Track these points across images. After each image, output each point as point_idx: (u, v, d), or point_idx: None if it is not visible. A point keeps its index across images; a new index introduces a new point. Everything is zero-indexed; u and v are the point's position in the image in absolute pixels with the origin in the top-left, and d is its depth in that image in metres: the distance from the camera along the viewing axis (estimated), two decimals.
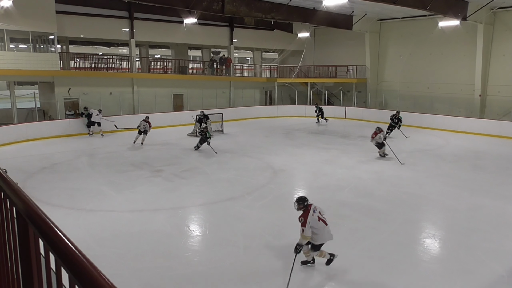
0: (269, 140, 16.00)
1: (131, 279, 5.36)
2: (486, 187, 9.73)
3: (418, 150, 14.16)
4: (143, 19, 20.67)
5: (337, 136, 16.94)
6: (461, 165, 12.09)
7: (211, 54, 25.87)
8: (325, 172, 11.16)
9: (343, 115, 22.71)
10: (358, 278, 5.51)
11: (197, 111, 17.51)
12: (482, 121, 18.08)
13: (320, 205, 5.61)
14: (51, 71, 17.26)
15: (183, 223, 7.67)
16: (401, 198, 8.92)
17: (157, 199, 8.78)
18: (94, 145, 14.70)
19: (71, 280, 0.99)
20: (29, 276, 1.37)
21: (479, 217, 7.82)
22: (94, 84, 18.87)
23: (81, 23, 19.09)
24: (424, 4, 15.90)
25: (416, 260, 6.06)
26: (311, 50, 26.40)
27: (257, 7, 18.05)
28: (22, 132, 15.07)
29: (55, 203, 8.26)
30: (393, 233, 7.00)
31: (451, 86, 20.55)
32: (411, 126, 19.49)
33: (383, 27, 23.45)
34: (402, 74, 22.70)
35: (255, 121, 21.61)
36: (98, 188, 9.50)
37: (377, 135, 12.44)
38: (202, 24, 21.76)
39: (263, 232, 7.00)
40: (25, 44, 19.55)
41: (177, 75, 22.00)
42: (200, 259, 6.12)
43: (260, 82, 25.58)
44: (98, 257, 5.54)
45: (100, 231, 6.99)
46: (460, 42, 20.09)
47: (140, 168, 11.37)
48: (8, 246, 1.62)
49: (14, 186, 1.47)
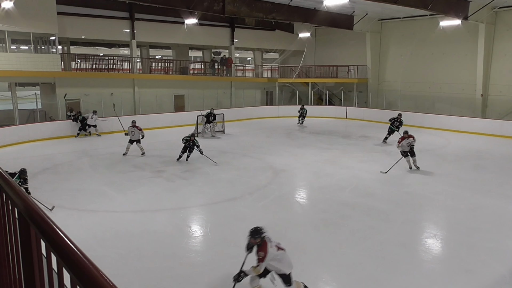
0: (270, 140, 16.00)
1: (132, 279, 5.36)
2: (488, 187, 9.71)
3: (419, 150, 14.05)
4: (144, 20, 20.70)
5: (338, 136, 16.93)
6: (463, 165, 12.06)
7: (212, 55, 25.89)
8: (326, 172, 11.15)
9: (344, 115, 22.70)
10: (359, 278, 5.50)
11: (198, 111, 17.53)
12: (483, 121, 18.05)
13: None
14: (52, 72, 17.29)
15: (184, 223, 7.68)
16: (402, 198, 8.90)
17: (158, 200, 8.79)
18: (96, 146, 14.71)
19: (73, 281, 0.99)
20: (31, 277, 1.37)
21: (480, 217, 7.81)
22: (95, 85, 18.91)
23: (82, 24, 19.13)
24: (425, 4, 15.88)
25: (417, 260, 6.05)
26: (312, 50, 26.40)
27: (258, 7, 18.06)
28: (23, 133, 15.10)
29: (57, 204, 8.27)
30: (394, 233, 6.99)
31: (452, 86, 20.52)
32: (413, 126, 19.44)
33: (384, 27, 23.44)
34: (403, 74, 22.68)
35: (256, 121, 21.62)
36: (99, 188, 9.52)
37: (404, 140, 10.80)
38: (203, 25, 21.79)
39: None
40: (26, 45, 19.58)
41: (178, 76, 22.03)
42: (201, 259, 6.12)
43: (261, 82, 25.59)
44: (99, 258, 5.55)
45: (102, 231, 7.00)
46: (461, 42, 20.06)
47: (141, 169, 11.38)
48: (10, 246, 1.63)
49: (16, 188, 1.47)
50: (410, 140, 10.80)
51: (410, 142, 10.80)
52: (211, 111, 16.96)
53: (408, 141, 10.79)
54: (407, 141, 10.80)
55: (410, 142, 10.80)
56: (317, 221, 7.61)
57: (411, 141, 10.82)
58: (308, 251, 6.29)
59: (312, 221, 7.60)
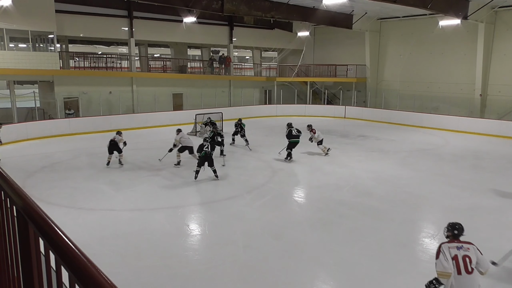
0: (269, 139, 16.00)
1: (130, 277, 5.37)
2: (486, 187, 9.73)
3: (417, 150, 14.16)
4: (142, 18, 20.66)
5: (336, 136, 16.95)
6: (461, 165, 12.09)
7: (210, 53, 25.85)
8: (324, 171, 11.17)
9: (343, 115, 22.72)
10: (356, 277, 5.52)
11: (196, 109, 17.49)
12: (482, 121, 18.08)
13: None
14: (51, 70, 17.25)
15: (182, 222, 7.68)
16: (400, 197, 8.93)
17: (156, 198, 8.79)
18: (94, 145, 14.69)
19: (71, 279, 0.99)
20: (29, 275, 1.38)
21: (478, 217, 7.83)
22: (93, 83, 18.87)
23: (81, 22, 19.08)
24: (424, 3, 15.88)
25: (415, 260, 6.07)
26: (310, 49, 26.40)
27: (257, 6, 18.04)
28: (22, 131, 15.07)
29: (55, 202, 8.27)
30: (392, 232, 7.01)
31: (451, 86, 20.55)
32: (411, 125, 19.54)
33: (383, 26, 23.44)
34: (402, 74, 22.70)
35: (255, 120, 21.60)
36: (97, 187, 9.51)
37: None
38: (201, 23, 21.75)
39: (262, 231, 7.01)
40: (24, 43, 19.53)
41: (176, 74, 22.00)
42: (199, 258, 6.13)
43: (260, 81, 25.58)
44: (97, 256, 5.54)
45: (100, 230, 7.00)
46: (460, 41, 20.08)
47: (139, 167, 11.38)
48: (9, 244, 1.63)
49: (15, 185, 1.48)
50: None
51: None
52: (207, 120, 15.34)
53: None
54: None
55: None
56: (314, 220, 7.63)
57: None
58: (305, 250, 6.31)
59: (309, 220, 7.62)
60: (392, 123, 20.37)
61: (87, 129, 16.70)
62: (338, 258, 5.96)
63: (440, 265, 3.84)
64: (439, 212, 8.23)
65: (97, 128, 16.84)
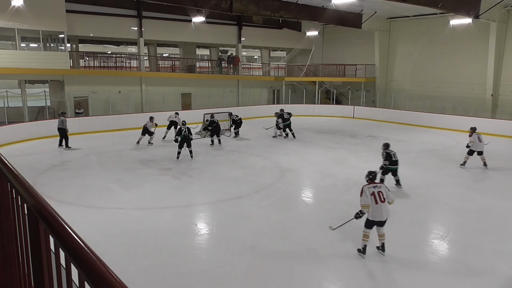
0: (277, 139, 15.98)
1: (138, 276, 5.41)
2: (496, 188, 9.61)
3: (427, 150, 14.02)
4: (151, 18, 20.80)
5: (345, 136, 16.86)
6: (471, 166, 11.94)
7: (219, 53, 25.91)
8: (333, 171, 11.12)
9: (352, 115, 22.59)
10: (365, 278, 5.48)
11: (205, 109, 17.52)
12: (493, 121, 17.83)
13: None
14: (61, 69, 17.46)
15: (190, 221, 7.71)
16: (409, 198, 8.85)
17: (164, 197, 8.84)
18: (103, 143, 14.83)
19: (81, 276, 1.00)
20: (39, 272, 1.39)
21: (488, 218, 7.73)
22: (103, 83, 19.05)
23: (91, 22, 19.27)
24: (435, 2, 15.71)
25: (424, 261, 6.01)
26: (319, 49, 26.30)
27: (266, 5, 18.03)
28: (33, 130, 15.28)
29: (65, 200, 8.36)
30: (401, 233, 6.95)
31: (462, 86, 20.31)
32: (421, 126, 19.35)
33: (393, 25, 23.25)
34: (411, 73, 22.50)
35: (263, 120, 21.59)
36: (106, 185, 9.59)
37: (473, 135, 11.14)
38: (210, 23, 21.81)
39: (270, 231, 7.01)
40: (35, 43, 19.81)
41: (185, 74, 22.09)
42: (206, 257, 6.15)
43: (268, 81, 25.55)
44: (106, 254, 5.60)
45: (108, 228, 7.06)
46: (472, 41, 19.83)
47: (148, 166, 11.45)
48: (19, 242, 1.65)
49: (26, 184, 1.49)
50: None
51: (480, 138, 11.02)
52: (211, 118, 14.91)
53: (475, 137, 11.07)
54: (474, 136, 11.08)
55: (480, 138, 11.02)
56: (322, 220, 7.59)
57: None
58: (313, 250, 6.29)
59: (317, 221, 7.59)
60: (402, 123, 20.19)
61: (96, 128, 16.85)
62: (346, 258, 5.92)
63: (363, 200, 5.83)
64: (449, 213, 8.13)
65: (107, 127, 16.99)
